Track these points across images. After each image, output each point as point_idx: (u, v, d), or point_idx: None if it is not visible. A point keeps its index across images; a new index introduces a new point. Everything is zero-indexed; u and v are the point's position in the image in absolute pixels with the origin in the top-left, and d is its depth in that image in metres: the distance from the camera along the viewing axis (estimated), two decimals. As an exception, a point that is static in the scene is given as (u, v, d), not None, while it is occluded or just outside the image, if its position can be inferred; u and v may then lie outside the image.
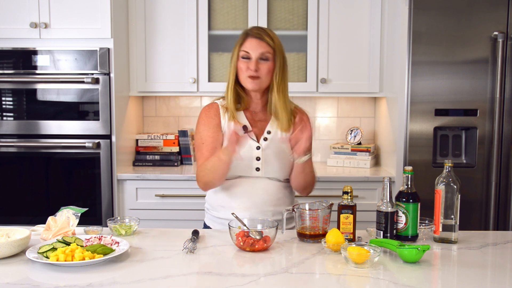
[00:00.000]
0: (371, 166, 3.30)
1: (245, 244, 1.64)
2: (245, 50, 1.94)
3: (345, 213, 1.72)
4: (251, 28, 2.01)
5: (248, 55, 1.94)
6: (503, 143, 2.77)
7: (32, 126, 2.98)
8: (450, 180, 1.72)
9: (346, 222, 1.72)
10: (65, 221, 1.77)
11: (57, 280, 1.39)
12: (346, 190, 1.75)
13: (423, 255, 1.54)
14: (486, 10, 2.72)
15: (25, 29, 2.91)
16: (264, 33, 1.97)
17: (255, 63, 1.93)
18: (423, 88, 2.77)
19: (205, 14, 3.17)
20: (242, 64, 1.95)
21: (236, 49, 1.97)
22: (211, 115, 2.02)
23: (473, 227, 2.76)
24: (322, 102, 3.56)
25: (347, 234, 1.71)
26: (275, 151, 1.99)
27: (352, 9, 3.18)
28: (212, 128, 1.99)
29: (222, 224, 2.00)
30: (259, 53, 1.93)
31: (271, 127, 2.02)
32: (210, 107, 2.06)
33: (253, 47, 1.93)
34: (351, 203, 1.74)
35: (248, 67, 1.93)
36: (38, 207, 3.02)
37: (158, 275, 1.43)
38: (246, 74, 1.94)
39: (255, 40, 1.94)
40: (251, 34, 1.96)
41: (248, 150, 1.95)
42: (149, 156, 3.34)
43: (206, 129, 2.00)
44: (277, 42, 1.97)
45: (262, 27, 2.04)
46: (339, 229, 1.71)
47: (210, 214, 2.07)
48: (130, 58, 3.22)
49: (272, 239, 1.67)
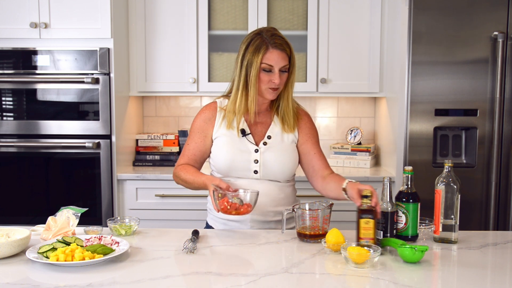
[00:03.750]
0: (371, 166, 3.30)
1: (231, 207, 1.76)
2: (269, 63, 1.88)
3: (365, 217, 1.63)
4: (269, 35, 1.90)
5: (271, 68, 1.89)
6: (503, 143, 2.77)
7: (32, 126, 2.98)
8: (450, 180, 1.72)
9: (366, 227, 1.62)
10: (65, 221, 1.77)
11: (57, 280, 1.39)
12: (365, 194, 1.65)
13: (423, 255, 1.54)
14: (486, 10, 2.72)
15: (25, 29, 2.91)
16: (284, 42, 1.91)
17: (279, 76, 1.89)
18: (423, 88, 2.77)
19: (205, 14, 3.17)
20: (264, 76, 1.90)
21: (256, 58, 1.88)
22: (205, 119, 2.02)
23: (473, 227, 2.76)
24: (322, 102, 3.56)
25: (367, 239, 1.62)
26: (275, 155, 1.97)
27: (352, 9, 3.18)
28: (200, 133, 2.02)
29: (225, 224, 2.00)
30: (281, 66, 1.89)
31: (272, 132, 2.01)
32: (207, 108, 2.05)
33: (276, 61, 1.88)
34: (372, 207, 1.64)
35: (270, 80, 1.90)
36: (38, 207, 3.02)
37: (158, 275, 1.43)
38: (268, 86, 1.91)
39: (277, 52, 1.88)
40: (273, 44, 1.88)
41: (245, 152, 1.96)
42: (149, 156, 3.34)
43: (195, 133, 2.03)
44: (292, 50, 1.94)
45: (276, 32, 1.93)
46: (359, 235, 1.63)
47: (212, 214, 2.07)
48: (130, 58, 3.22)
49: (253, 204, 1.80)
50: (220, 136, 1.99)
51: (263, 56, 1.88)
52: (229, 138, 1.97)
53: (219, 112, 2.01)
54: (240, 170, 1.96)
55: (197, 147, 2.02)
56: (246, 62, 1.90)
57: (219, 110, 2.02)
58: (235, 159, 1.95)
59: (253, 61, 1.89)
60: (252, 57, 1.89)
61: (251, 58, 1.89)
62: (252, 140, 1.98)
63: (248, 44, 1.92)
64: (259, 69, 1.89)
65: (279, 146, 1.99)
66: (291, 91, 1.99)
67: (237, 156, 1.95)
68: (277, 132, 2.01)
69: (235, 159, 1.95)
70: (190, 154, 2.03)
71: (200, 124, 2.03)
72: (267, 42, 1.89)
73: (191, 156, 2.03)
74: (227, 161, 1.95)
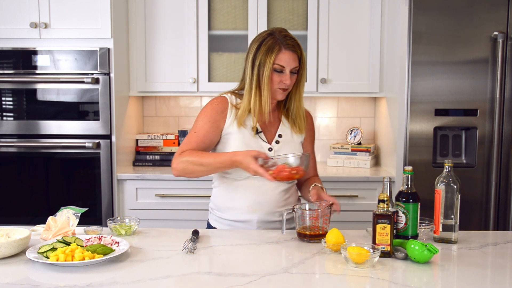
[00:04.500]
0: (371, 166, 3.30)
1: (290, 172, 1.74)
2: (281, 64, 1.88)
3: (382, 223, 1.58)
4: (282, 36, 1.90)
5: (283, 69, 1.89)
6: (503, 143, 2.77)
7: (32, 126, 2.98)
8: (450, 180, 1.72)
9: (383, 233, 1.58)
10: (65, 221, 1.77)
11: (57, 280, 1.39)
12: (382, 198, 1.60)
13: (432, 257, 1.53)
14: (486, 10, 2.72)
15: (25, 29, 2.91)
16: (295, 43, 1.91)
17: (290, 77, 1.90)
18: (423, 88, 2.77)
19: (205, 14, 3.17)
20: (276, 77, 1.89)
21: (269, 59, 1.88)
22: (218, 110, 1.95)
23: (473, 227, 2.76)
24: (322, 102, 3.56)
25: (384, 246, 1.58)
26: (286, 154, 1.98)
27: (352, 9, 3.18)
28: (211, 123, 1.93)
29: (230, 226, 1.98)
30: (292, 68, 1.90)
31: (282, 131, 2.01)
32: (220, 101, 1.97)
33: (288, 62, 1.88)
34: (388, 212, 1.59)
35: (281, 81, 1.89)
36: (38, 207, 3.02)
37: (158, 275, 1.43)
38: (278, 87, 1.91)
39: (289, 53, 1.89)
40: (285, 45, 1.88)
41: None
42: (149, 156, 3.34)
43: (206, 121, 1.94)
44: (303, 52, 1.94)
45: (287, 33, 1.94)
46: (375, 241, 1.59)
47: (215, 215, 2.04)
48: (130, 58, 3.22)
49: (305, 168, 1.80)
50: (232, 133, 1.94)
51: (276, 56, 1.88)
52: (241, 136, 1.93)
53: (230, 109, 1.96)
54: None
55: (207, 136, 1.93)
56: (259, 62, 1.90)
57: (231, 106, 1.97)
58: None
59: (266, 61, 1.88)
60: (264, 57, 1.89)
61: (264, 58, 1.89)
62: (264, 138, 1.97)
63: (260, 44, 1.91)
64: (271, 70, 1.89)
65: (290, 144, 2.00)
66: (302, 92, 1.99)
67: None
68: (287, 131, 2.01)
69: None
70: (199, 141, 1.92)
71: (212, 115, 1.94)
72: (280, 43, 1.88)
73: (199, 143, 1.91)
74: None
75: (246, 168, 1.77)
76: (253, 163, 1.74)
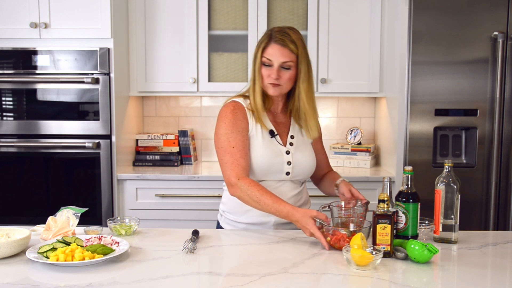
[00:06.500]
0: (371, 166, 3.30)
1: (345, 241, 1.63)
2: (267, 57, 1.86)
3: (382, 223, 1.58)
4: (275, 31, 1.89)
5: (270, 62, 1.87)
6: (503, 143, 2.77)
7: (32, 126, 2.98)
8: (450, 180, 1.72)
9: (383, 233, 1.58)
10: (65, 221, 1.77)
11: (57, 280, 1.39)
12: (382, 198, 1.60)
13: (431, 257, 1.53)
14: (486, 10, 2.72)
15: (25, 29, 2.91)
16: (288, 38, 1.87)
17: (277, 71, 1.86)
18: (423, 88, 2.77)
19: (205, 14, 3.17)
20: (264, 71, 1.88)
21: (258, 53, 1.88)
22: (240, 117, 1.92)
23: (473, 227, 2.76)
24: (322, 102, 3.56)
25: (384, 246, 1.58)
26: (303, 155, 1.97)
27: (352, 9, 3.18)
28: (241, 132, 1.90)
29: (245, 229, 1.95)
30: (281, 62, 1.85)
31: (293, 132, 2.00)
32: (236, 108, 1.94)
33: (275, 55, 1.85)
34: (389, 212, 1.60)
35: (269, 75, 1.87)
36: (38, 207, 3.02)
37: (158, 275, 1.43)
38: (268, 81, 1.88)
39: (277, 47, 1.85)
40: (274, 39, 1.86)
41: (278, 155, 1.92)
42: (149, 156, 3.34)
43: (236, 132, 1.89)
44: (300, 47, 1.88)
45: (286, 30, 1.89)
46: (376, 241, 1.59)
47: (227, 218, 2.01)
48: (130, 58, 3.22)
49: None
50: (254, 136, 1.93)
51: (263, 50, 1.88)
52: (261, 139, 1.92)
53: (248, 112, 1.95)
54: (274, 173, 1.93)
55: (245, 145, 1.89)
56: (253, 58, 1.93)
57: (247, 110, 1.95)
58: (272, 163, 1.91)
59: (256, 55, 1.91)
60: (256, 51, 1.91)
61: (255, 52, 1.92)
62: (280, 141, 1.96)
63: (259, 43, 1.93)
64: (260, 63, 1.89)
65: (303, 145, 2.00)
66: (303, 89, 1.91)
67: (273, 160, 1.91)
68: (297, 131, 2.01)
69: (272, 163, 1.91)
70: (243, 155, 1.87)
71: (238, 123, 1.90)
72: (271, 37, 1.89)
73: (245, 156, 1.87)
74: (264, 165, 1.90)
75: (303, 228, 1.73)
76: (311, 224, 1.69)
